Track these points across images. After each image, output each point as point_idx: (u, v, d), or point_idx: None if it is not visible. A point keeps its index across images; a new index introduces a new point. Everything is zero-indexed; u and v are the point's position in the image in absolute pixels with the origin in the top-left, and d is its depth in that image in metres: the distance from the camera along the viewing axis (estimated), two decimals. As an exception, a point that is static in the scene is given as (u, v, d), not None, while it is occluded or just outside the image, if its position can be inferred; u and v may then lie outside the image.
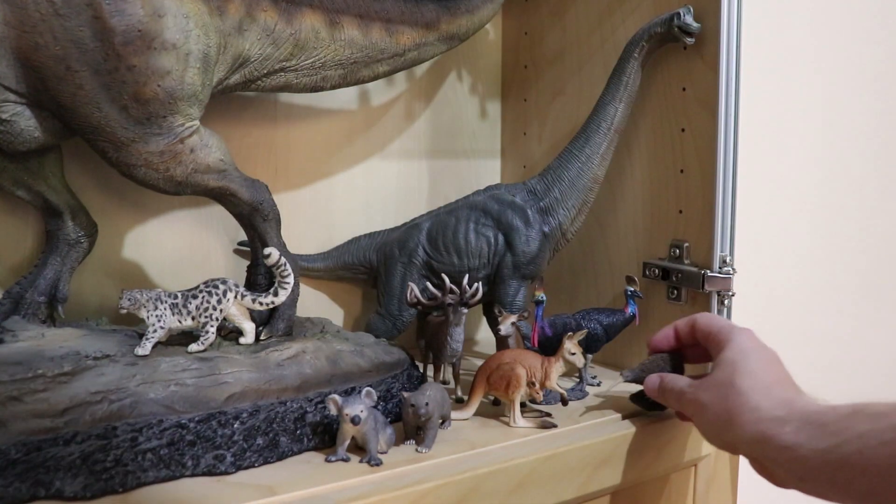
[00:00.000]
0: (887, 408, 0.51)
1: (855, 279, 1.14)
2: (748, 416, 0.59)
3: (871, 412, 0.52)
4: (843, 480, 0.51)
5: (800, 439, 0.55)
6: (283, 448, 0.64)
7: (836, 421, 0.53)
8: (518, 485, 0.65)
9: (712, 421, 0.63)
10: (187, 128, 0.68)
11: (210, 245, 0.90)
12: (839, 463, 0.51)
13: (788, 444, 0.55)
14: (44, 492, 0.55)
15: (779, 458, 0.56)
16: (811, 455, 0.53)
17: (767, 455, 0.58)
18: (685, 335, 0.73)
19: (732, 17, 0.80)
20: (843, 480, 0.51)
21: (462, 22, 0.89)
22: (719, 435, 0.63)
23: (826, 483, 0.53)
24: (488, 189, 0.91)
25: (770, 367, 0.63)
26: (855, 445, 0.50)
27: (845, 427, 0.52)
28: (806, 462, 0.54)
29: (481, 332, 1.10)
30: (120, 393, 0.61)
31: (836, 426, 0.53)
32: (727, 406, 0.61)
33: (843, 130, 1.08)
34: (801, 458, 0.54)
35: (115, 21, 0.61)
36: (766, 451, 0.58)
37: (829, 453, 0.52)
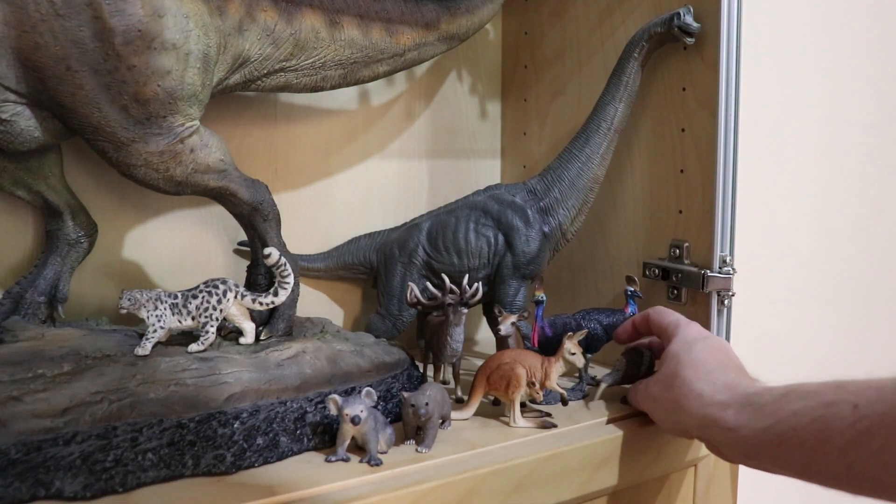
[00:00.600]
0: (817, 387, 0.55)
1: (855, 279, 1.14)
2: (693, 402, 0.64)
3: (803, 392, 0.56)
4: (782, 456, 0.56)
5: (741, 420, 0.59)
6: (283, 448, 0.64)
7: (772, 402, 0.57)
8: (518, 485, 0.65)
9: (663, 411, 0.69)
10: (187, 128, 0.68)
11: (210, 245, 0.90)
12: (777, 440, 0.55)
13: (731, 425, 0.60)
14: (44, 492, 0.55)
15: (724, 438, 0.61)
16: (752, 434, 0.58)
17: (714, 437, 0.62)
18: (643, 329, 0.78)
19: (732, 17, 0.80)
20: (782, 456, 0.56)
21: (462, 22, 0.89)
22: (671, 423, 0.69)
23: (768, 459, 0.58)
24: (488, 189, 0.91)
25: (713, 355, 0.67)
26: (789, 423, 0.54)
27: (780, 407, 0.56)
28: (748, 441, 0.58)
29: (481, 332, 1.10)
30: (120, 393, 0.61)
31: (772, 406, 0.57)
32: (674, 396, 0.66)
33: (843, 130, 1.07)
34: (743, 438, 0.59)
35: (115, 21, 0.61)
36: (713, 433, 0.62)
37: (767, 432, 0.56)
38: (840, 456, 0.51)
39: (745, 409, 0.59)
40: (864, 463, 0.50)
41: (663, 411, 0.69)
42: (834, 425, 0.51)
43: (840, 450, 0.51)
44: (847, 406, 0.51)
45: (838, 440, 0.51)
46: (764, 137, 0.96)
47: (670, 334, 0.72)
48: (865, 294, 1.17)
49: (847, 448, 0.50)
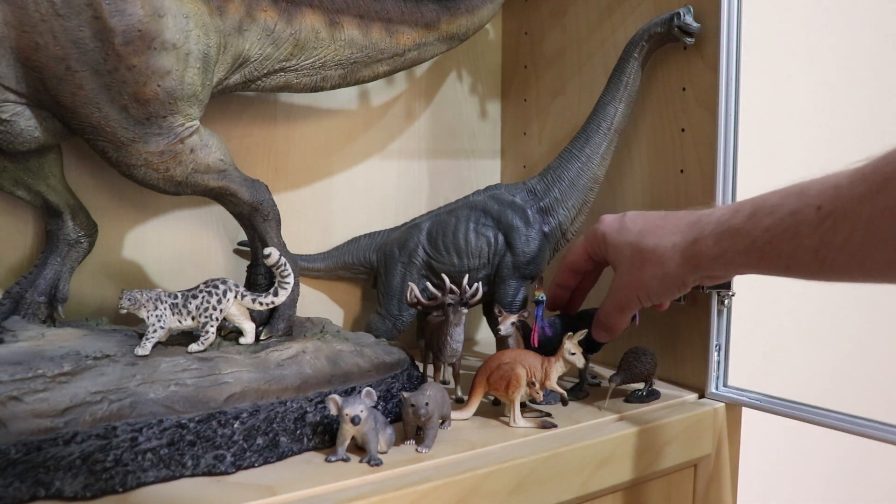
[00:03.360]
0: (781, 198, 0.59)
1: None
2: (673, 255, 0.68)
3: (769, 207, 0.60)
4: (766, 265, 0.61)
5: (724, 246, 0.64)
6: (283, 448, 0.64)
7: (744, 222, 0.62)
8: (518, 485, 0.65)
9: (654, 285, 0.71)
10: (187, 128, 0.68)
11: (210, 245, 0.90)
12: (759, 255, 0.61)
13: (716, 253, 0.64)
14: (44, 492, 0.55)
15: (714, 266, 0.66)
16: (736, 256, 0.63)
17: (706, 273, 0.68)
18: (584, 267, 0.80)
19: (732, 17, 0.80)
20: (766, 265, 0.61)
21: (462, 22, 0.89)
22: (662, 291, 0.71)
23: (754, 270, 0.64)
24: (488, 189, 0.91)
25: (649, 218, 0.72)
26: (765, 239, 0.59)
27: (753, 226, 0.61)
28: (734, 262, 0.64)
29: (481, 332, 1.10)
30: (120, 393, 0.61)
31: (746, 227, 0.61)
32: (652, 265, 0.70)
33: (843, 130, 1.08)
34: (730, 261, 0.64)
35: (115, 21, 0.61)
36: (704, 271, 0.67)
37: (748, 251, 0.61)
38: (813, 255, 0.56)
39: (722, 235, 0.64)
40: (833, 257, 0.55)
41: (655, 285, 0.71)
42: (803, 231, 0.56)
43: (812, 251, 0.56)
44: (811, 210, 0.56)
45: (809, 242, 0.56)
46: (764, 137, 0.96)
47: (602, 247, 0.76)
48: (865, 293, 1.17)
49: (818, 248, 0.55)
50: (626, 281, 0.73)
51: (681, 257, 0.68)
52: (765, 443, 1.06)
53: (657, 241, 0.70)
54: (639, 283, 0.72)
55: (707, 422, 0.80)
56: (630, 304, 0.74)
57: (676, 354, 0.87)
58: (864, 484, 1.34)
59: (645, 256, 0.71)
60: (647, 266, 0.71)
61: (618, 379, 0.78)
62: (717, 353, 0.83)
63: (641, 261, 0.71)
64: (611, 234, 0.75)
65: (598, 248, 0.77)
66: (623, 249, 0.73)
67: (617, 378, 0.78)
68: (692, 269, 0.68)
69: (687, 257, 0.67)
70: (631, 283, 0.73)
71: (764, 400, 0.79)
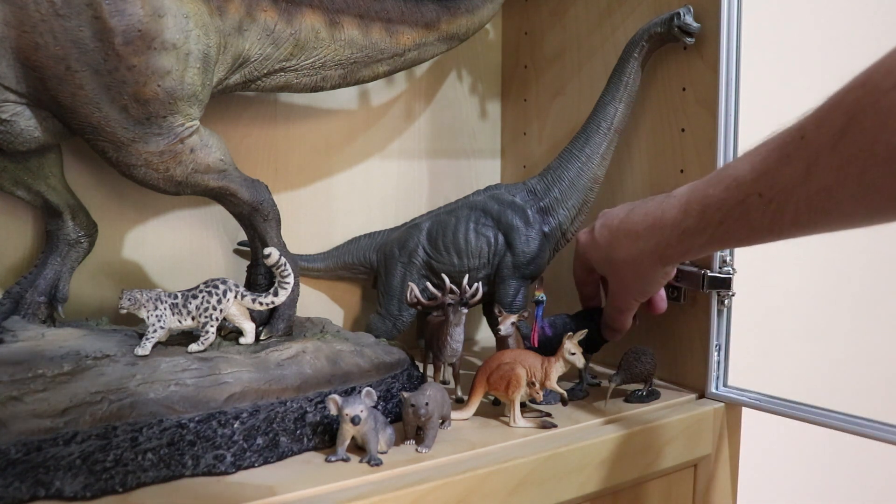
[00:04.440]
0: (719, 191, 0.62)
1: (854, 278, 1.14)
2: (644, 262, 0.73)
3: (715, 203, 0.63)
4: (729, 245, 0.71)
5: (686, 246, 0.68)
6: (283, 448, 0.64)
7: (697, 223, 0.65)
8: (518, 485, 0.65)
9: (639, 286, 0.77)
10: (187, 128, 0.68)
11: (210, 245, 0.90)
12: (721, 242, 0.66)
13: (682, 252, 0.69)
14: (44, 492, 0.55)
15: (685, 258, 0.75)
16: (700, 249, 0.67)
17: (679, 262, 0.78)
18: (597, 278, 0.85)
19: (732, 17, 0.80)
20: (729, 245, 0.71)
21: (462, 22, 0.89)
22: (652, 286, 0.77)
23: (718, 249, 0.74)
24: (488, 189, 0.91)
25: (614, 227, 0.76)
26: (722, 230, 0.63)
27: (706, 224, 0.64)
28: (699, 252, 0.69)
29: (481, 332, 1.10)
30: (120, 393, 0.61)
31: (699, 227, 0.65)
32: (627, 275, 0.76)
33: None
34: (696, 253, 0.69)
35: (115, 21, 0.61)
36: (676, 262, 0.76)
37: (710, 243, 0.65)
38: (769, 231, 0.59)
39: (682, 237, 0.67)
40: (788, 230, 0.58)
41: (637, 289, 0.77)
42: (754, 216, 0.59)
43: (766, 228, 0.59)
44: (754, 198, 0.59)
45: (762, 224, 0.59)
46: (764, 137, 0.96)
47: (586, 260, 0.82)
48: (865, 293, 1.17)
49: (771, 226, 0.58)
50: (616, 288, 0.79)
51: (651, 258, 0.72)
52: (765, 443, 1.06)
53: (626, 252, 0.74)
54: (627, 288, 0.78)
55: (707, 422, 0.80)
56: (628, 306, 0.79)
57: (676, 354, 0.87)
58: (864, 484, 1.34)
59: (620, 267, 0.76)
60: (627, 274, 0.76)
61: (618, 379, 0.78)
62: (716, 353, 0.83)
63: (620, 271, 0.77)
64: (588, 251, 0.80)
65: (586, 264, 0.82)
66: (602, 263, 0.79)
67: (617, 378, 0.78)
68: (665, 264, 0.73)
69: (657, 258, 0.72)
70: (621, 290, 0.78)
71: (764, 400, 0.79)
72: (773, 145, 0.58)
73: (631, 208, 0.75)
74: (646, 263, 0.73)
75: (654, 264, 0.73)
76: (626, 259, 0.74)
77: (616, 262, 0.76)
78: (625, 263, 0.75)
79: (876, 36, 1.12)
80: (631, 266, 0.75)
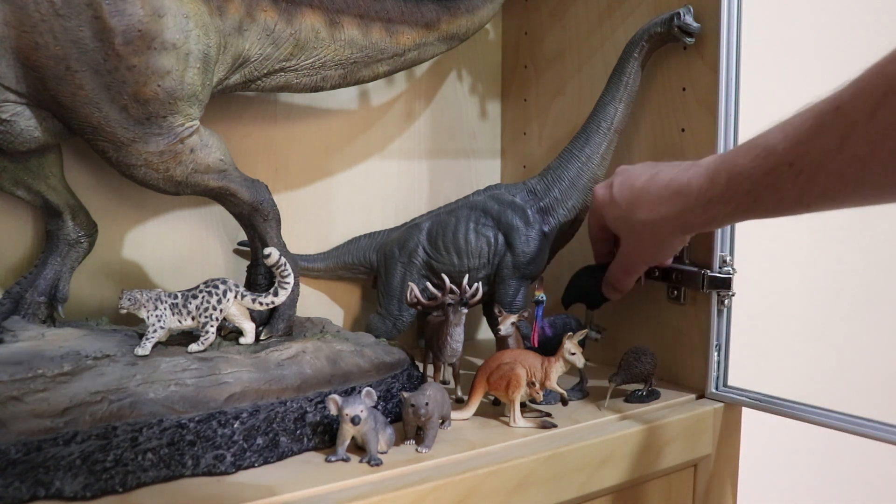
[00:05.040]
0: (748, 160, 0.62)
1: (854, 278, 1.14)
2: (664, 228, 0.72)
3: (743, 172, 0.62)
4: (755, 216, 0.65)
5: (711, 215, 0.67)
6: (283, 448, 0.64)
7: (723, 192, 0.64)
8: (518, 485, 0.65)
9: (653, 252, 0.77)
10: (187, 128, 0.68)
11: (210, 245, 0.90)
12: (747, 212, 0.64)
13: (705, 221, 0.68)
14: (44, 492, 0.55)
15: (706, 229, 0.74)
16: (725, 218, 0.67)
17: (699, 231, 0.75)
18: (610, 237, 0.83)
19: (732, 17, 0.80)
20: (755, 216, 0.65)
21: (462, 22, 0.89)
22: (667, 252, 0.78)
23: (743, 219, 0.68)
24: (488, 189, 0.91)
25: (636, 187, 0.74)
26: (749, 200, 0.63)
27: (734, 193, 0.64)
28: (723, 222, 0.70)
29: (481, 332, 1.10)
30: (120, 393, 0.61)
31: (726, 196, 0.64)
32: (644, 239, 0.75)
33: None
34: (720, 222, 0.70)
35: (115, 21, 0.61)
36: (696, 231, 0.74)
37: (735, 213, 0.65)
38: (797, 203, 0.59)
39: (707, 205, 0.66)
40: (816, 202, 0.58)
41: (650, 254, 0.77)
42: (783, 186, 0.59)
43: (795, 200, 0.59)
44: (784, 168, 0.58)
45: (790, 195, 0.59)
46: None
47: (600, 217, 0.80)
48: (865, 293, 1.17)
49: (799, 197, 0.59)
50: (629, 249, 0.78)
51: (672, 227, 0.72)
52: (765, 443, 1.06)
53: (646, 214, 0.73)
54: (641, 252, 0.77)
55: (707, 422, 0.81)
56: (635, 269, 0.80)
57: (676, 354, 0.87)
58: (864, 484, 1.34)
59: (638, 230, 0.75)
60: (644, 237, 0.75)
61: (618, 379, 0.78)
62: (716, 353, 0.83)
63: (636, 233, 0.76)
64: (604, 208, 0.79)
65: (600, 221, 0.81)
66: (618, 222, 0.78)
67: (617, 378, 0.78)
68: (685, 233, 0.74)
69: (678, 226, 0.71)
70: (634, 252, 0.78)
71: (764, 400, 0.79)
72: (808, 115, 0.57)
73: (655, 171, 0.74)
74: (666, 230, 0.72)
75: (674, 231, 0.72)
76: (645, 222, 0.73)
77: (634, 224, 0.75)
78: (643, 227, 0.74)
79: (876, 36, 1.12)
80: (650, 230, 0.74)
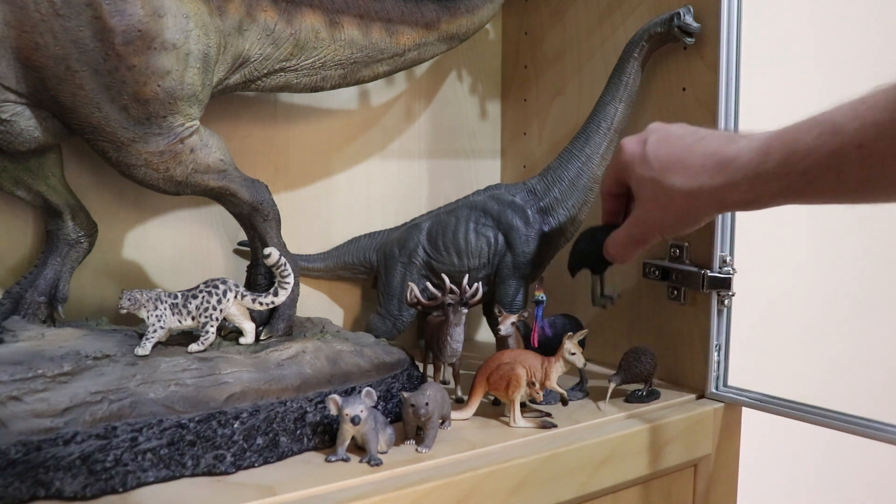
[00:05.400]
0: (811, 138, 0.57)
1: (854, 278, 1.14)
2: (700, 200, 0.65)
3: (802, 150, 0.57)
4: (805, 201, 0.60)
5: (757, 193, 0.61)
6: (283, 448, 0.64)
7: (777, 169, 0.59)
8: (518, 485, 0.65)
9: (673, 223, 0.69)
10: (187, 128, 0.68)
11: (210, 245, 0.90)
12: (797, 195, 0.59)
13: (749, 200, 0.62)
14: (44, 492, 0.55)
15: (745, 209, 0.64)
16: (771, 200, 0.61)
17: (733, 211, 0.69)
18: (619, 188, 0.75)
19: (732, 17, 0.80)
20: (805, 201, 0.60)
21: (462, 22, 0.89)
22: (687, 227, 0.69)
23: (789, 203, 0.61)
24: (488, 189, 0.91)
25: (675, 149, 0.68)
26: (804, 181, 0.58)
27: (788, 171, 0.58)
28: (767, 203, 0.62)
29: (481, 332, 1.10)
30: (120, 393, 0.61)
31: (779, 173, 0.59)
32: (671, 208, 0.67)
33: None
34: (764, 204, 0.62)
35: (115, 21, 0.61)
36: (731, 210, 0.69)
37: (785, 193, 0.60)
38: (857, 189, 0.56)
39: (756, 181, 0.60)
40: (881, 191, 0.55)
41: (670, 225, 0.69)
42: (846, 170, 0.55)
43: (856, 186, 0.55)
44: (852, 149, 0.54)
45: (853, 180, 0.55)
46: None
47: (624, 172, 0.72)
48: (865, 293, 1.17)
49: (863, 182, 0.55)
50: (646, 216, 0.71)
51: (709, 200, 0.65)
52: (765, 443, 1.06)
53: (683, 181, 0.66)
54: (660, 221, 0.70)
55: (707, 422, 0.81)
56: (647, 239, 0.73)
57: (676, 354, 0.87)
58: (864, 484, 1.34)
59: (670, 196, 0.67)
60: (673, 206, 0.67)
61: (618, 379, 0.78)
62: (716, 353, 0.83)
63: (666, 199, 0.68)
64: (633, 164, 0.71)
65: (622, 176, 0.73)
66: (646, 184, 0.69)
67: (617, 378, 0.78)
68: (722, 209, 0.67)
69: (716, 201, 0.64)
70: (651, 220, 0.70)
71: (764, 400, 0.79)
72: (888, 94, 0.52)
73: (699, 137, 0.67)
74: (701, 202, 0.65)
75: (710, 206, 0.65)
76: (679, 190, 0.66)
77: (666, 189, 0.67)
78: (677, 194, 0.66)
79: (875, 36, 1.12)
80: (683, 199, 0.66)
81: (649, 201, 0.70)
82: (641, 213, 0.71)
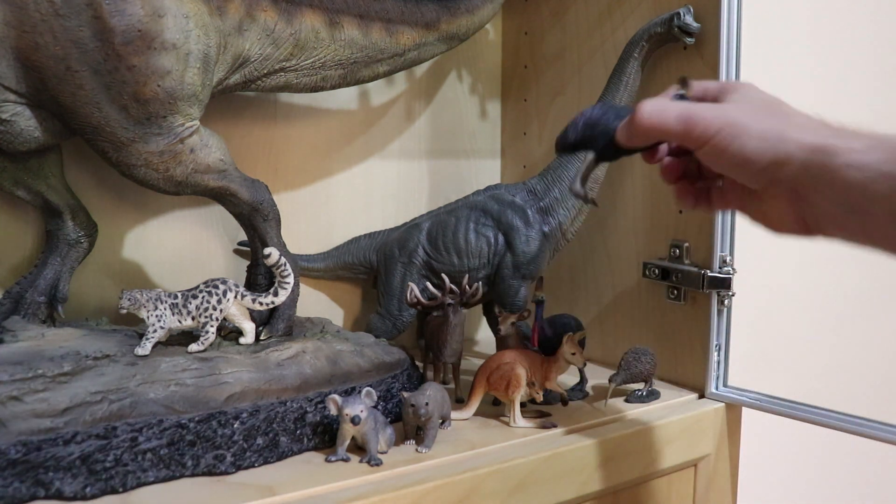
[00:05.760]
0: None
1: (854, 278, 1.14)
2: (804, 128, 0.49)
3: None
4: None
5: (869, 160, 0.46)
6: (283, 448, 0.64)
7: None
8: (518, 485, 0.65)
9: (752, 135, 0.50)
10: (187, 128, 0.68)
11: (210, 245, 0.90)
12: None
13: (854, 163, 0.46)
14: (44, 492, 0.55)
15: (834, 180, 0.47)
16: (879, 179, 0.45)
17: (821, 177, 0.47)
18: None
19: (732, 17, 0.80)
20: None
21: (462, 22, 0.89)
22: (761, 153, 0.49)
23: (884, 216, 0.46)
24: (488, 189, 0.91)
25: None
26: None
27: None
28: (867, 189, 0.46)
29: (481, 332, 1.10)
30: (120, 393, 0.61)
31: None
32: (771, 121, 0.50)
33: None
34: (863, 184, 0.46)
35: (115, 21, 0.61)
36: (822, 172, 0.47)
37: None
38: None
39: (877, 147, 0.46)
40: None
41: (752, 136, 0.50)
42: None
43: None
44: None
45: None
46: None
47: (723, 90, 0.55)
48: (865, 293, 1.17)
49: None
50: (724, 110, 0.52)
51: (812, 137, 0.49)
52: (765, 443, 1.06)
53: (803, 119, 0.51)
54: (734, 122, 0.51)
55: (707, 422, 0.81)
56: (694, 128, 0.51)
57: (676, 354, 0.87)
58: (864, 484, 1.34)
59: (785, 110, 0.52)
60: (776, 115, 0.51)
61: (618, 379, 0.78)
62: (716, 353, 0.83)
63: (770, 111, 0.52)
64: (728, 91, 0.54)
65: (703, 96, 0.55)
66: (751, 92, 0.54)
67: (617, 378, 0.78)
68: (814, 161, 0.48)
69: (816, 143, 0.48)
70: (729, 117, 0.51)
71: (764, 400, 0.79)
72: None
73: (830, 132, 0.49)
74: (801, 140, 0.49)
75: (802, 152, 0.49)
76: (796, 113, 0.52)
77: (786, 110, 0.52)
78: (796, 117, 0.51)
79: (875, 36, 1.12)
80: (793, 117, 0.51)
81: (746, 102, 0.53)
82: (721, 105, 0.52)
